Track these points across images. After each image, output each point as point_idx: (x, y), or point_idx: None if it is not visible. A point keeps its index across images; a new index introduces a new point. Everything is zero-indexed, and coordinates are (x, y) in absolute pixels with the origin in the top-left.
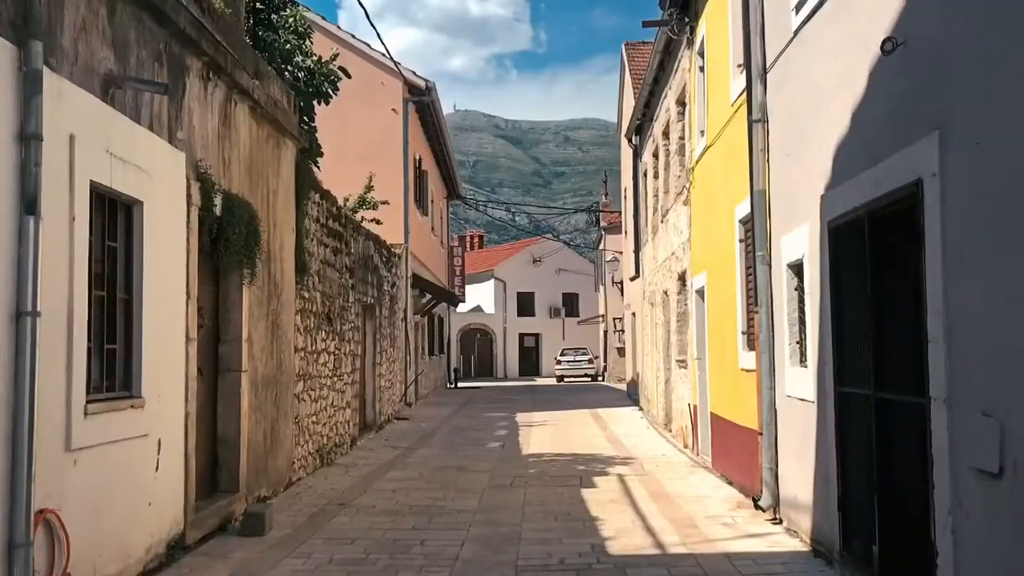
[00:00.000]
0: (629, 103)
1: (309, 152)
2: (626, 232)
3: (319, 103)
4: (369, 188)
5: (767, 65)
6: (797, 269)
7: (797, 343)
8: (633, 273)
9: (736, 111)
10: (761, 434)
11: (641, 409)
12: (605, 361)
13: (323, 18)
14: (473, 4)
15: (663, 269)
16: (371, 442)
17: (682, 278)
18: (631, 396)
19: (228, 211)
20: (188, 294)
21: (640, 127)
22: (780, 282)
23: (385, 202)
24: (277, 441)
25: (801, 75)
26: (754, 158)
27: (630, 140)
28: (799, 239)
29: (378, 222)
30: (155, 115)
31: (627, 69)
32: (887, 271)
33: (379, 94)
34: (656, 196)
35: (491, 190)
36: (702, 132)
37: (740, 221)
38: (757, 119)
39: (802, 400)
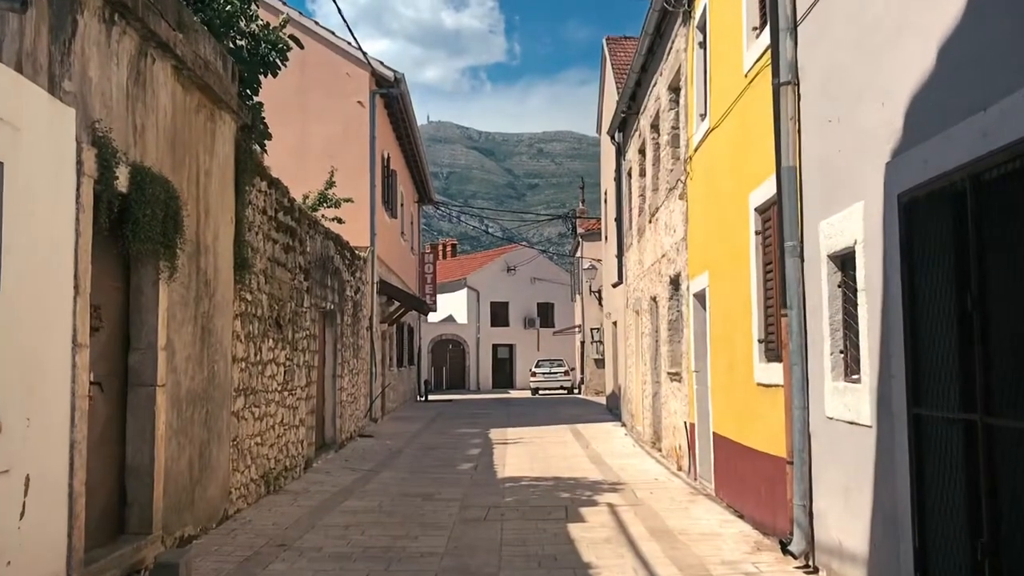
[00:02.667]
0: (610, 100)
1: (253, 130)
2: (606, 237)
3: (265, 75)
4: (330, 184)
5: (798, 16)
6: (843, 260)
7: (841, 352)
8: (615, 279)
9: (751, 81)
10: (791, 463)
11: (624, 425)
12: (582, 373)
13: (284, 2)
14: (447, 16)
15: (651, 273)
16: (329, 463)
17: (675, 282)
18: (612, 410)
19: (138, 188)
20: (77, 287)
21: (624, 122)
22: (817, 278)
23: (349, 200)
24: (208, 468)
25: (850, 18)
26: (782, 129)
27: (612, 137)
28: (848, 222)
29: (340, 221)
30: (26, 53)
31: (609, 64)
32: (992, 254)
33: (344, 85)
34: (642, 195)
35: (464, 201)
36: (702, 116)
37: (757, 209)
38: (786, 81)
39: (852, 424)
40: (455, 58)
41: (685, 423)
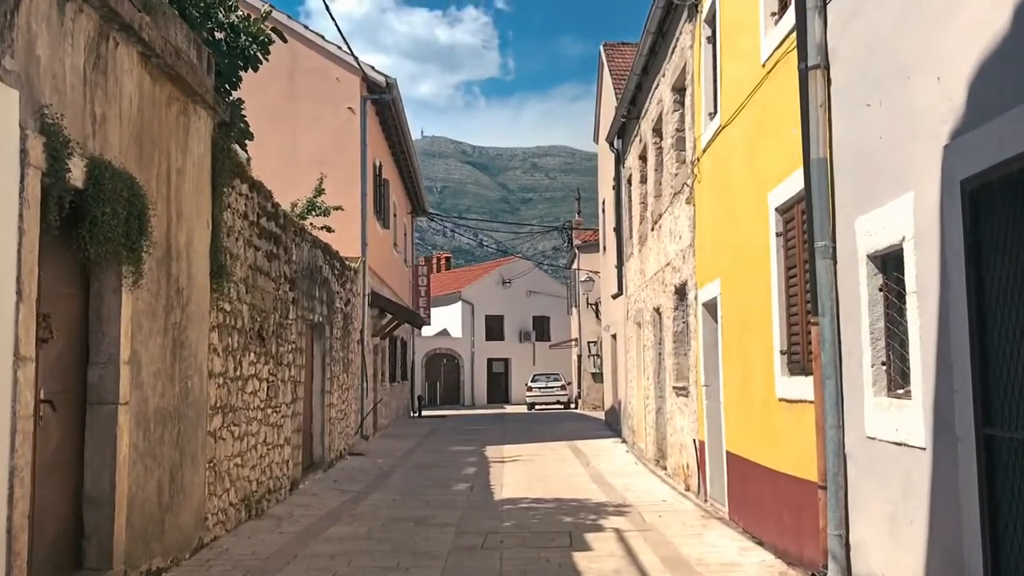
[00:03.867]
0: (608, 107)
1: (231, 127)
2: (604, 248)
3: (245, 69)
4: (319, 191)
5: None
6: (886, 260)
7: (883, 364)
8: (614, 291)
9: (769, 71)
10: (823, 487)
11: (624, 441)
12: (579, 388)
13: (272, 7)
14: (441, 31)
15: (654, 283)
16: (316, 484)
17: (681, 291)
18: (611, 426)
19: (95, 183)
20: (20, 293)
21: (624, 128)
22: (853, 281)
23: (338, 208)
24: (180, 493)
25: None
26: (811, 117)
27: (611, 144)
28: (893, 217)
29: (329, 229)
30: None
31: (606, 69)
32: None
33: (335, 91)
34: (644, 202)
35: (458, 216)
36: (711, 115)
37: (777, 209)
38: (814, 65)
39: (900, 445)
40: (449, 73)
41: (694, 440)
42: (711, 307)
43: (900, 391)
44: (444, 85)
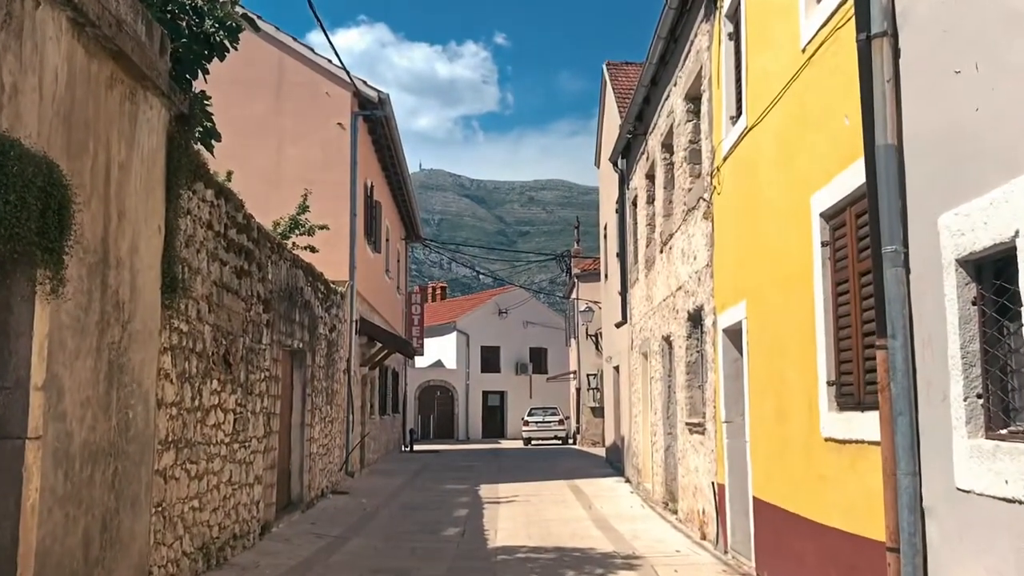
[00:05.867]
0: (611, 128)
1: (191, 122)
2: (606, 275)
3: (211, 59)
4: (303, 208)
5: None
6: (981, 266)
7: (979, 397)
8: (617, 319)
9: (811, 56)
10: (894, 550)
11: (628, 481)
12: (577, 422)
13: (259, 17)
14: (441, 66)
15: (663, 310)
16: (291, 527)
17: (695, 317)
18: (612, 464)
19: None
20: None
21: (628, 146)
22: (936, 293)
23: (324, 227)
24: (116, 544)
25: None
26: (875, 96)
27: (615, 164)
28: (999, 207)
29: (313, 249)
30: None
31: (609, 88)
32: None
33: (324, 106)
34: (651, 224)
35: (455, 248)
36: (733, 118)
37: (823, 215)
38: (879, 33)
39: (1012, 502)
40: (448, 107)
41: (712, 483)
42: (734, 333)
43: (1005, 431)
44: (443, 119)
